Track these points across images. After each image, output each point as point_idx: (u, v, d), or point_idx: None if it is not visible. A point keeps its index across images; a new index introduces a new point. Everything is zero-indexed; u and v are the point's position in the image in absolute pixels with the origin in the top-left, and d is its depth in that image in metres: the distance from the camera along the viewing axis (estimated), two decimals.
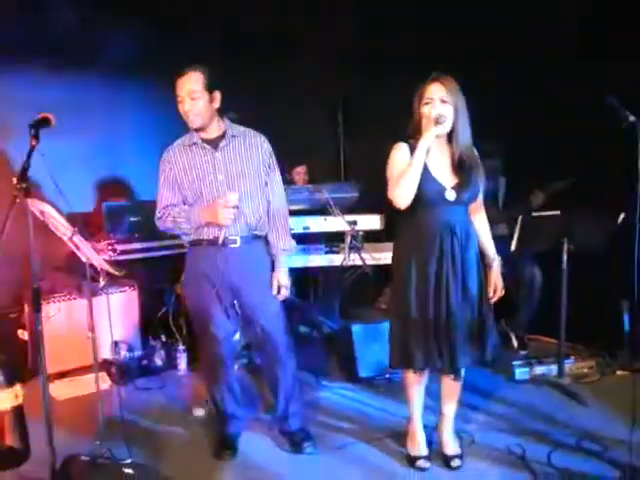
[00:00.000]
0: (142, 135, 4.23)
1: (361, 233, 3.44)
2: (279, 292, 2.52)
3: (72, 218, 2.32)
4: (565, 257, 3.15)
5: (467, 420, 2.87)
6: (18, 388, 1.66)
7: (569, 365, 3.38)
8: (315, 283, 4.40)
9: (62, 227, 1.98)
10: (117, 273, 2.25)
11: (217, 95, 2.37)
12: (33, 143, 1.99)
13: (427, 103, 2.23)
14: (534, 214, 3.24)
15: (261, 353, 2.72)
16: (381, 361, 2.96)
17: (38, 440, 1.86)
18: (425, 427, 2.60)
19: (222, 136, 2.44)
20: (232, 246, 2.42)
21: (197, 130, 2.40)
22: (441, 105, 2.20)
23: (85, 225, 3.85)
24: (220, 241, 2.35)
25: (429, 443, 2.58)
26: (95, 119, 3.99)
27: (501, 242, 3.60)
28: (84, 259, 2.14)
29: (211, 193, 2.40)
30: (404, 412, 2.66)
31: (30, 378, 3.43)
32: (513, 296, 3.87)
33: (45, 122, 2.09)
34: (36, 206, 1.85)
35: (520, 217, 3.15)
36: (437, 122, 2.17)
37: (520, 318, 3.85)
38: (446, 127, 2.22)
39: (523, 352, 3.80)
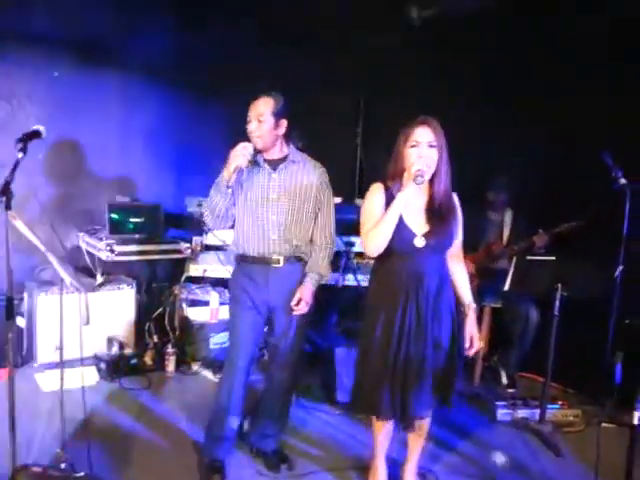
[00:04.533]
0: (153, 137, 4.30)
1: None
2: (297, 304, 2.51)
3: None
4: (557, 303, 3.08)
5: (436, 458, 2.84)
6: None
7: (554, 411, 3.31)
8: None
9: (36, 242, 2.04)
10: (83, 291, 2.29)
11: (283, 122, 2.47)
12: (19, 156, 2.04)
13: (413, 146, 2.16)
14: (528, 257, 3.18)
15: (267, 370, 2.79)
16: None
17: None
18: (394, 462, 2.59)
19: (283, 159, 2.53)
20: (275, 266, 2.51)
21: (258, 151, 2.49)
22: (428, 150, 2.15)
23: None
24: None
25: (394, 479, 2.56)
26: (110, 119, 4.09)
27: (500, 276, 3.57)
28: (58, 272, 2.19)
29: (260, 208, 2.50)
30: None
31: (23, 364, 3.59)
32: (508, 332, 3.82)
33: (36, 135, 2.15)
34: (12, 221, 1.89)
35: (514, 259, 3.10)
36: (415, 179, 2.11)
37: (512, 355, 3.79)
38: (425, 179, 2.15)
39: (511, 390, 3.74)
